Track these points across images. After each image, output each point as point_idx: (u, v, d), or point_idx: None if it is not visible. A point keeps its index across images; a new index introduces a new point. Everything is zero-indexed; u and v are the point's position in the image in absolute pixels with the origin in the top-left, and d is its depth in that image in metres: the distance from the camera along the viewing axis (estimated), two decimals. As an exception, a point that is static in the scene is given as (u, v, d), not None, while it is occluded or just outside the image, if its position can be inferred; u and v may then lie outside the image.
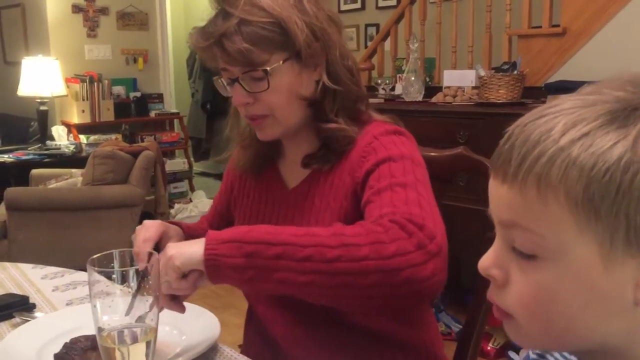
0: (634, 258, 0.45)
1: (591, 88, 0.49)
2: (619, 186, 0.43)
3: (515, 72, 2.63)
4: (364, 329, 1.04)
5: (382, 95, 3.21)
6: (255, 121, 1.05)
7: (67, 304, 1.19)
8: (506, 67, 2.70)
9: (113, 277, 0.76)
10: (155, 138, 4.74)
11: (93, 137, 4.50)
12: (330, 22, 1.04)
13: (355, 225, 0.87)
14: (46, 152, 4.17)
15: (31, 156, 4.11)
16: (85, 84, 4.58)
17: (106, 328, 0.75)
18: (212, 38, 0.98)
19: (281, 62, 0.99)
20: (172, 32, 5.49)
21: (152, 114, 4.99)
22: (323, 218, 1.02)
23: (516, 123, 0.50)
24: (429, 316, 1.15)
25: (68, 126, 4.62)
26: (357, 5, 4.71)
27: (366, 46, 4.38)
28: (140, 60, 5.06)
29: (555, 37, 2.80)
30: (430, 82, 3.31)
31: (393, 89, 3.24)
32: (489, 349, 2.59)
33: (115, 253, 0.79)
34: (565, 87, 2.37)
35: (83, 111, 4.60)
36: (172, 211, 4.48)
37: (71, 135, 4.54)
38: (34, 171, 3.72)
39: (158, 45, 5.17)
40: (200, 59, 1.11)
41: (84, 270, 0.80)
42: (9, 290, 1.25)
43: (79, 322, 0.96)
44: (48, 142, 4.34)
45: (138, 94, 4.95)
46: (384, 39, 3.66)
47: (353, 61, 1.08)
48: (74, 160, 4.02)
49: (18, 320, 1.10)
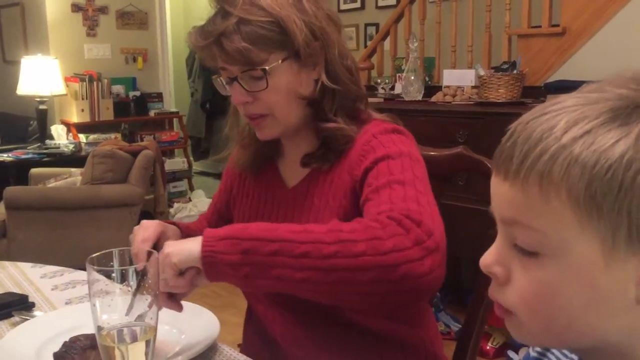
0: (636, 256, 0.45)
1: (594, 86, 0.49)
2: (621, 184, 0.43)
3: (514, 72, 2.63)
4: (364, 329, 1.04)
5: (382, 94, 3.22)
6: (254, 121, 1.05)
7: (66, 303, 1.19)
8: (506, 67, 2.70)
9: (112, 276, 0.75)
10: (154, 137, 4.73)
11: (92, 137, 4.49)
12: (329, 22, 1.04)
13: (352, 222, 0.87)
14: (45, 151, 4.17)
15: (30, 155, 4.11)
16: (84, 83, 4.57)
17: (105, 327, 0.75)
18: (211, 37, 0.98)
19: (280, 62, 0.99)
20: (172, 32, 5.48)
21: (152, 113, 4.98)
22: (322, 217, 1.02)
23: (518, 120, 0.50)
24: (429, 315, 1.15)
25: (67, 125, 4.61)
26: (357, 4, 4.70)
27: (366, 45, 4.38)
28: (139, 59, 5.05)
29: (554, 37, 2.80)
30: (429, 82, 3.31)
31: (393, 89, 3.24)
32: (488, 349, 2.59)
33: (114, 252, 0.79)
34: (564, 87, 2.37)
35: (82, 110, 4.59)
36: (172, 210, 4.48)
37: (70, 134, 4.54)
38: (33, 170, 3.72)
39: (157, 44, 5.17)
40: (199, 58, 1.10)
41: (83, 269, 0.80)
42: (8, 289, 1.25)
43: (78, 321, 0.96)
44: (47, 141, 4.34)
45: (137, 93, 4.94)
46: (384, 39, 3.66)
47: (352, 60, 1.08)
48: (73, 159, 4.02)
49: (17, 319, 1.10)
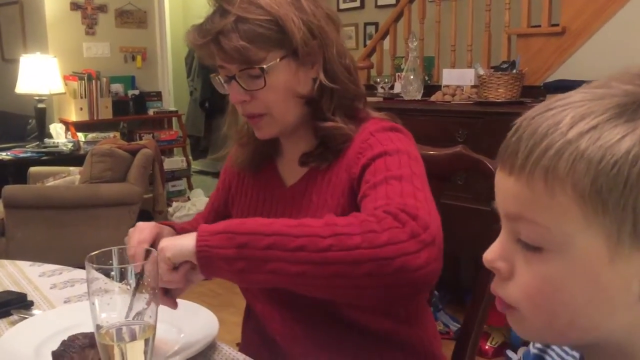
0: None
1: (600, 82, 0.48)
2: (627, 179, 0.43)
3: (514, 71, 2.63)
4: (363, 328, 1.04)
5: (381, 94, 3.21)
6: (252, 119, 1.05)
7: (65, 302, 1.19)
8: (505, 66, 2.70)
9: (111, 275, 0.75)
10: (153, 136, 4.73)
11: (91, 135, 4.48)
12: (328, 20, 1.04)
13: (348, 216, 0.87)
14: (44, 150, 4.16)
15: (29, 154, 4.10)
16: (83, 82, 4.56)
17: (104, 325, 0.75)
18: (209, 35, 0.98)
19: (278, 60, 0.99)
20: (171, 30, 5.47)
21: (151, 112, 4.97)
22: (320, 215, 1.01)
23: (524, 116, 0.49)
24: (427, 315, 1.15)
25: (66, 124, 4.60)
26: (357, 3, 4.70)
27: (365, 45, 4.37)
28: (138, 58, 5.04)
29: (554, 36, 2.80)
30: (429, 81, 3.31)
31: (392, 88, 3.24)
32: (487, 348, 2.59)
33: (113, 250, 0.79)
34: (564, 86, 2.37)
35: (81, 109, 4.58)
36: (170, 209, 4.47)
37: (69, 133, 4.53)
38: (32, 169, 3.72)
39: (157, 43, 5.16)
40: (197, 57, 1.10)
41: (82, 268, 0.80)
42: (7, 287, 1.25)
43: (77, 320, 0.96)
44: (46, 140, 4.33)
45: (136, 92, 4.94)
46: (383, 38, 3.66)
47: (350, 59, 1.07)
48: (72, 158, 4.02)
49: (16, 317, 1.10)
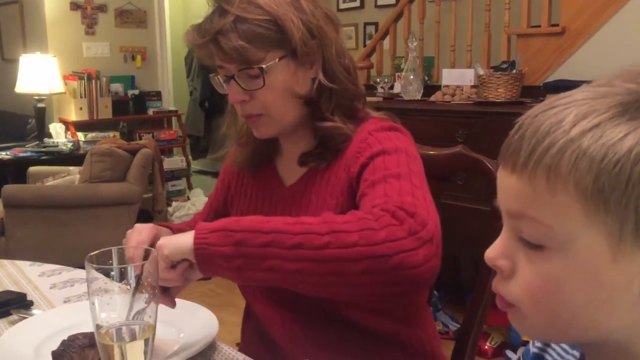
0: None
1: (603, 80, 0.49)
2: (629, 178, 0.43)
3: (514, 71, 2.64)
4: (363, 328, 1.04)
5: (381, 93, 3.21)
6: (251, 119, 1.05)
7: (65, 302, 1.19)
8: (505, 66, 2.71)
9: (111, 275, 0.75)
10: (153, 136, 4.73)
11: (91, 135, 4.48)
12: (327, 20, 1.04)
13: (346, 214, 0.87)
14: (44, 150, 4.16)
15: (29, 153, 4.10)
16: (83, 82, 4.56)
17: (104, 325, 0.75)
18: (208, 35, 0.98)
19: (277, 60, 0.99)
20: (171, 30, 5.47)
21: (150, 112, 4.97)
22: (320, 215, 1.02)
23: (527, 114, 0.50)
24: (427, 315, 1.15)
25: (66, 123, 4.60)
26: (356, 3, 4.70)
27: (365, 45, 4.37)
28: (138, 57, 5.04)
29: (554, 37, 2.80)
30: (429, 81, 3.32)
31: (392, 88, 3.24)
32: (487, 348, 2.59)
33: (113, 250, 0.79)
34: (564, 87, 2.36)
35: (81, 109, 4.58)
36: (170, 209, 4.47)
37: (69, 132, 4.53)
38: (32, 168, 3.72)
39: (156, 42, 5.16)
40: (197, 57, 1.10)
41: (82, 267, 0.80)
42: (7, 287, 1.25)
43: (77, 320, 0.96)
44: (46, 140, 4.33)
45: (136, 92, 4.93)
46: (383, 38, 3.66)
47: (350, 59, 1.07)
48: (72, 157, 4.02)
49: (15, 317, 1.09)
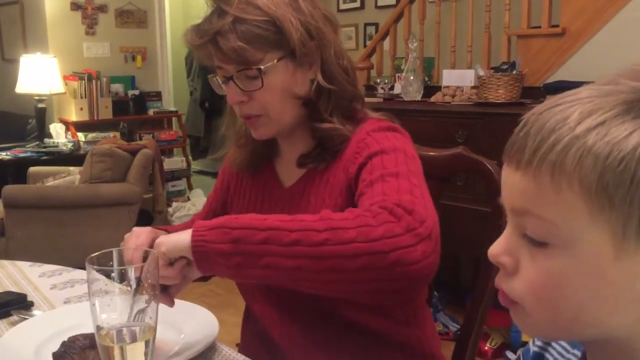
0: None
1: (608, 78, 0.49)
2: (634, 176, 0.43)
3: (514, 72, 2.63)
4: (362, 328, 1.04)
5: (381, 94, 3.21)
6: (249, 120, 1.05)
7: (65, 302, 1.19)
8: (505, 67, 2.70)
9: (112, 276, 0.75)
10: (153, 136, 4.73)
11: (91, 135, 4.48)
12: (325, 21, 1.04)
13: (344, 212, 0.87)
14: (44, 150, 4.16)
15: (29, 154, 4.10)
16: (83, 82, 4.56)
17: (105, 327, 0.75)
18: (207, 36, 0.98)
19: (275, 61, 0.99)
20: (171, 30, 5.47)
21: (151, 112, 4.97)
22: None
23: (531, 111, 0.50)
24: (427, 315, 1.15)
25: (66, 124, 4.60)
26: (356, 4, 4.70)
27: (365, 45, 4.37)
28: (138, 58, 5.04)
29: (554, 37, 2.80)
30: (429, 82, 3.31)
31: (392, 89, 3.24)
32: (487, 349, 2.59)
33: (114, 251, 0.79)
34: (564, 88, 2.35)
35: (81, 109, 4.58)
36: (170, 209, 4.47)
37: (69, 133, 4.53)
38: (32, 169, 3.72)
39: (157, 43, 5.16)
40: (195, 57, 1.10)
41: (82, 268, 0.80)
42: (7, 288, 1.25)
43: (77, 321, 0.96)
44: (46, 140, 4.33)
45: (136, 92, 4.93)
46: (383, 38, 3.66)
47: (348, 60, 1.07)
48: (72, 158, 4.02)
49: (16, 318, 1.10)
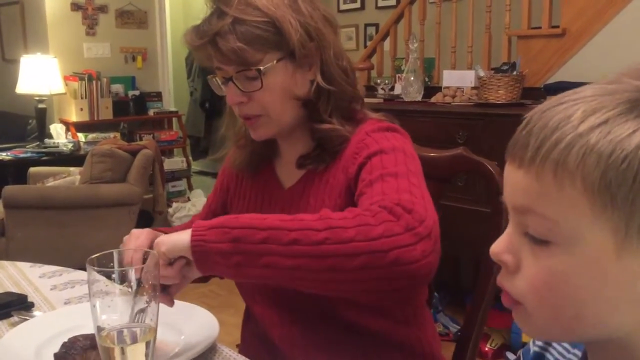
0: None
1: (612, 77, 0.49)
2: (636, 174, 0.43)
3: (514, 73, 2.63)
4: (362, 329, 1.04)
5: (381, 95, 3.21)
6: (249, 120, 1.05)
7: (65, 303, 1.19)
8: (505, 68, 2.70)
9: (112, 277, 0.75)
10: (153, 137, 4.73)
11: (91, 136, 4.48)
12: (325, 22, 1.04)
13: (343, 211, 0.87)
14: (44, 150, 4.16)
15: (29, 154, 4.10)
16: (83, 82, 4.56)
17: (106, 328, 0.75)
18: (206, 37, 0.98)
19: (275, 62, 0.99)
20: (171, 31, 5.47)
21: (151, 113, 4.97)
22: None
23: (534, 110, 0.50)
24: (427, 316, 1.15)
25: (66, 124, 4.60)
26: (357, 4, 4.70)
27: (365, 46, 4.37)
28: (139, 58, 5.04)
29: (554, 38, 2.80)
30: (429, 82, 3.31)
31: (392, 89, 3.24)
32: (487, 350, 2.59)
33: (114, 253, 0.79)
34: (564, 88, 2.35)
35: (81, 109, 4.58)
36: (170, 210, 4.47)
37: (69, 133, 4.53)
38: (32, 169, 3.71)
39: (157, 43, 5.16)
40: (195, 58, 1.10)
41: (82, 268, 0.80)
42: (7, 288, 1.25)
43: (77, 321, 0.96)
44: (46, 140, 4.33)
45: (137, 93, 4.93)
46: (384, 39, 3.65)
47: (348, 61, 1.08)
48: (72, 158, 4.02)
49: (16, 319, 1.10)
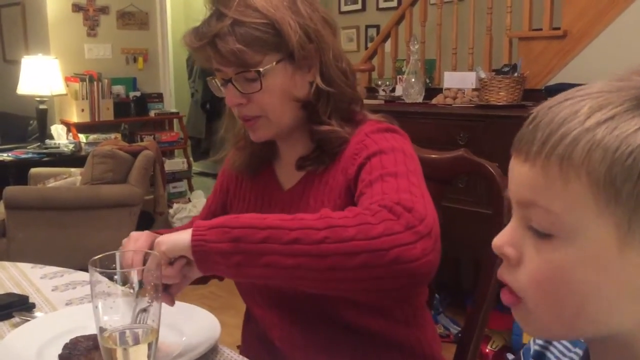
0: None
1: (619, 74, 0.49)
2: None
3: (515, 75, 2.64)
4: (362, 330, 1.04)
5: (382, 96, 3.22)
6: (248, 122, 1.05)
7: (67, 304, 1.19)
8: (506, 70, 2.71)
9: (115, 278, 0.75)
10: (154, 138, 4.73)
11: (92, 137, 4.49)
12: (324, 24, 1.04)
13: (344, 210, 0.87)
14: (45, 151, 4.16)
15: (30, 155, 4.10)
16: (84, 83, 4.57)
17: (108, 329, 0.75)
18: (206, 38, 0.98)
19: (274, 64, 0.99)
20: (172, 32, 5.47)
21: (152, 114, 4.97)
22: None
23: (541, 105, 0.50)
24: (427, 317, 1.15)
25: (67, 125, 4.61)
26: (358, 6, 4.71)
27: (366, 47, 4.38)
28: (140, 59, 5.05)
29: (555, 40, 2.80)
30: (430, 84, 3.32)
31: (393, 91, 3.24)
32: (488, 352, 2.59)
33: (116, 254, 0.79)
34: (565, 90, 2.37)
35: (82, 110, 4.59)
36: (171, 211, 4.47)
37: (70, 134, 4.53)
38: (33, 170, 3.72)
39: (158, 44, 5.17)
40: (194, 60, 1.10)
41: (83, 269, 0.80)
42: (9, 289, 1.25)
43: (79, 322, 0.96)
44: (47, 141, 4.33)
45: (138, 94, 4.94)
46: (385, 40, 3.66)
47: (347, 63, 1.08)
48: (73, 159, 4.02)
49: (18, 319, 1.10)
